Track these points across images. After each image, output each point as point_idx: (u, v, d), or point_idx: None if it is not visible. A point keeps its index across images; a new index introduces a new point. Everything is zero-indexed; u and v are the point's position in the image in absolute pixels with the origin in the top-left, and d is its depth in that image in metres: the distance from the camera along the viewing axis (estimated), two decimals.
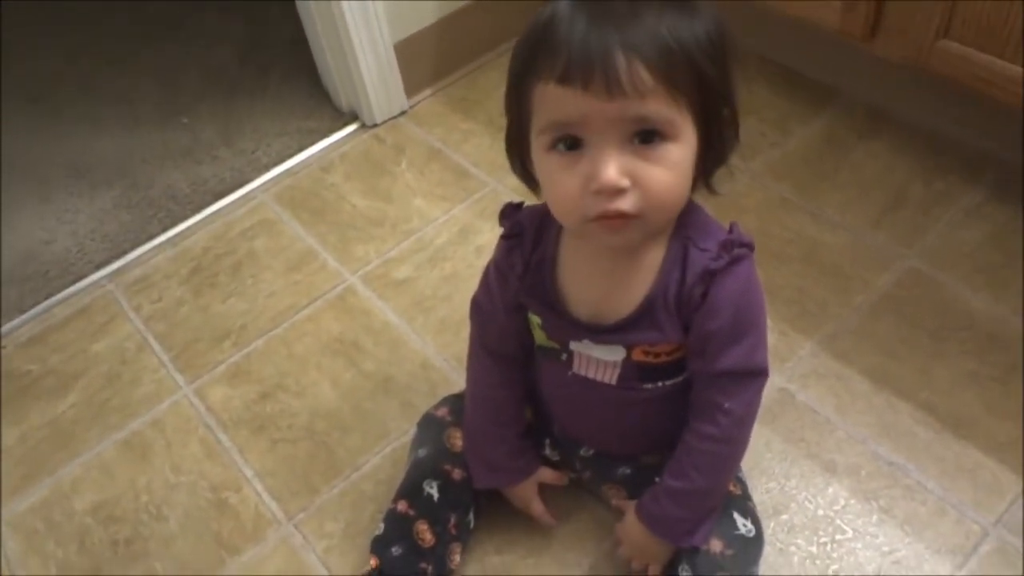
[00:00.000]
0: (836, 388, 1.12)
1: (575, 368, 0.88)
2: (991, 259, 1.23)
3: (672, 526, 0.86)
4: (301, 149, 1.59)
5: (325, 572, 1.03)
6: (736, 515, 0.89)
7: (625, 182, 0.69)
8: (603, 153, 0.68)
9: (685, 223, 0.79)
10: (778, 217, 1.33)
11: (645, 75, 0.66)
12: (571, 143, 0.70)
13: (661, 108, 0.68)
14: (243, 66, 1.82)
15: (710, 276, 0.77)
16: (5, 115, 1.80)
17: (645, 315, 0.80)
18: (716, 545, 0.87)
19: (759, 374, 0.83)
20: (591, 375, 0.88)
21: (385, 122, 1.61)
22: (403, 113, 1.63)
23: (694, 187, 0.76)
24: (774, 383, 1.13)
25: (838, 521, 1.00)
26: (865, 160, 1.40)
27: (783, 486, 1.04)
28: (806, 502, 1.02)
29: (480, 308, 0.94)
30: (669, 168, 0.70)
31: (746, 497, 0.93)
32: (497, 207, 0.88)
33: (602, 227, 0.72)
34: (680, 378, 0.86)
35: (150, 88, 1.81)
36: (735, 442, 0.86)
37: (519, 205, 0.87)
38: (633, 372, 0.85)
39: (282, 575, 1.04)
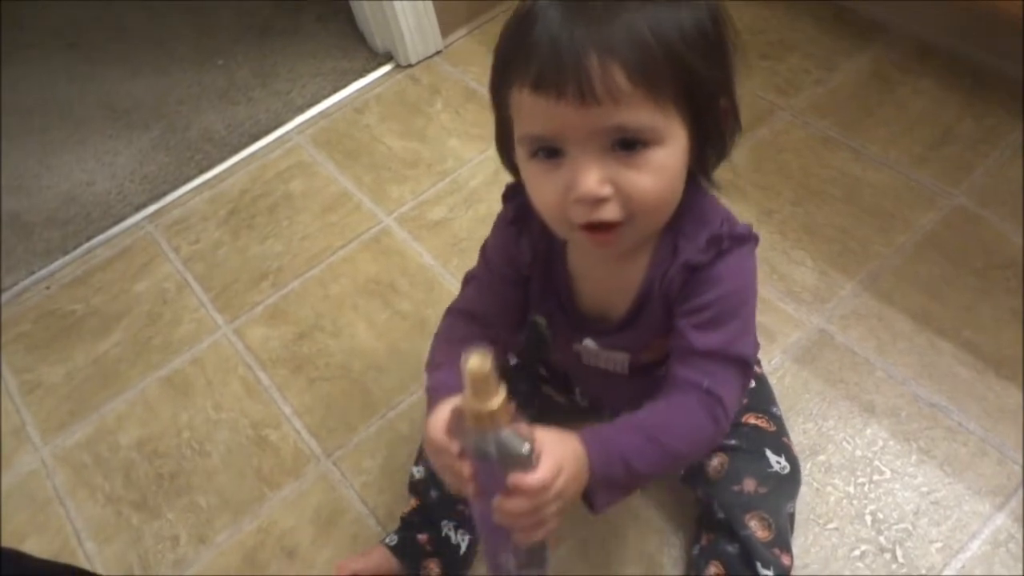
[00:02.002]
0: (876, 329, 1.10)
1: (585, 361, 0.87)
2: None
3: (611, 456, 0.70)
4: (336, 90, 1.58)
5: (363, 507, 1.05)
6: (768, 452, 0.89)
7: (606, 190, 0.65)
8: (582, 162, 0.65)
9: (681, 213, 0.73)
10: (820, 155, 1.30)
11: (621, 80, 0.61)
12: (551, 151, 0.67)
13: (641, 115, 0.63)
14: (277, 6, 1.81)
15: (691, 270, 0.74)
16: (43, 60, 1.81)
17: (642, 311, 0.78)
18: (749, 484, 0.86)
19: (741, 363, 0.75)
20: (602, 366, 0.87)
21: (420, 62, 1.59)
22: (438, 53, 1.61)
23: (692, 181, 0.72)
24: (813, 324, 1.12)
25: (876, 462, 0.99)
26: (911, 96, 1.35)
27: (820, 427, 1.03)
28: (844, 443, 1.02)
29: (473, 278, 0.87)
30: (653, 173, 0.66)
31: (781, 433, 0.93)
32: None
33: (589, 237, 0.69)
34: None
35: (185, 30, 1.81)
36: (706, 421, 0.73)
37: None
38: (642, 366, 0.85)
39: (321, 509, 1.06)
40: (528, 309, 0.86)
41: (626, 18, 0.62)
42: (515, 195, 0.80)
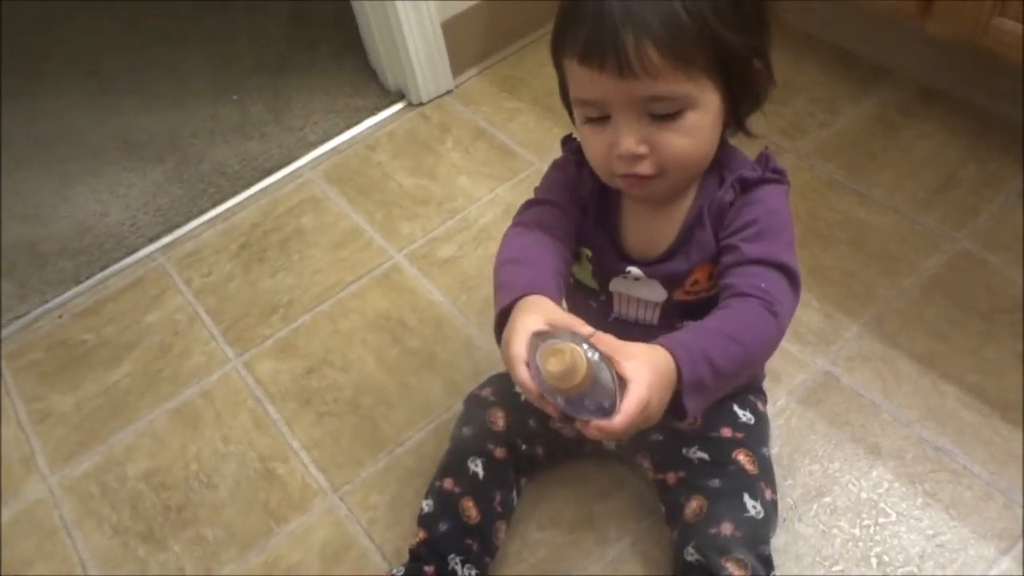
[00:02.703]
0: (882, 371, 1.11)
1: (616, 310, 0.90)
2: None
3: (694, 357, 0.70)
4: (348, 127, 1.61)
5: (370, 542, 1.05)
6: (746, 496, 0.90)
7: (643, 149, 0.74)
8: (623, 125, 0.74)
9: (720, 159, 0.82)
10: (826, 198, 1.31)
11: (655, 55, 0.69)
12: (599, 113, 0.76)
13: (674, 86, 0.71)
14: (291, 43, 1.84)
15: (743, 183, 0.81)
16: (61, 88, 1.84)
17: (689, 237, 0.83)
18: (726, 527, 0.87)
19: (790, 274, 0.78)
20: (632, 315, 0.90)
21: (431, 101, 1.62)
22: (449, 92, 1.63)
23: (727, 132, 0.81)
24: (819, 366, 1.13)
25: (882, 504, 1.00)
26: (916, 140, 1.37)
27: (826, 468, 1.04)
28: (849, 485, 1.02)
29: (537, 201, 0.88)
30: (687, 134, 0.74)
31: (761, 477, 0.92)
32: None
33: (626, 184, 0.79)
34: None
35: (200, 63, 1.84)
36: (770, 319, 0.75)
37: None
38: (674, 310, 0.87)
39: (328, 544, 1.06)
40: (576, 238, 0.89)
41: None
42: (572, 141, 0.89)
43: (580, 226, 0.88)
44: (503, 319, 0.75)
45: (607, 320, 0.91)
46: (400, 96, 1.64)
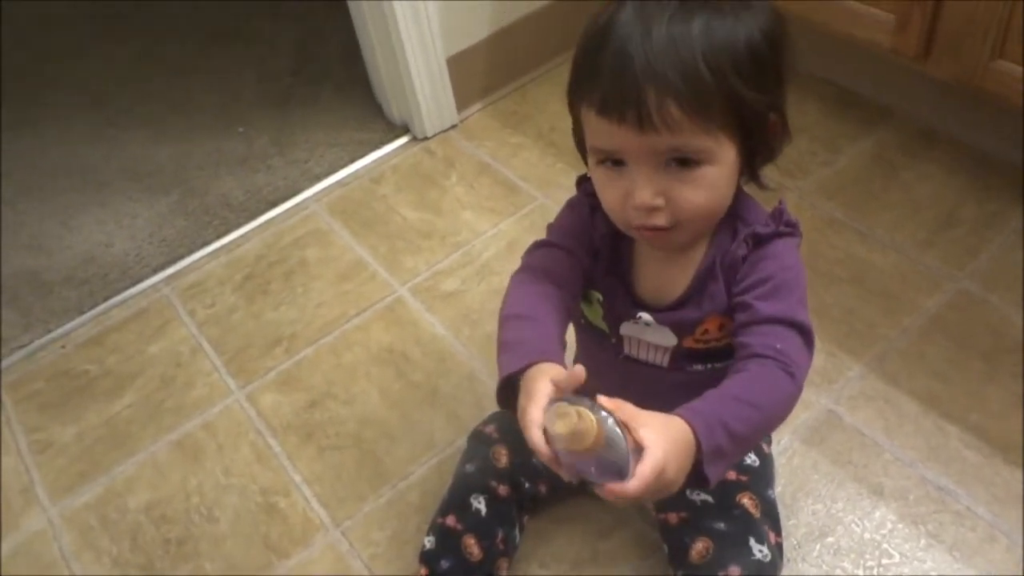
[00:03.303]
0: (884, 410, 1.11)
1: (626, 350, 0.90)
2: None
3: (711, 425, 0.70)
4: (353, 160, 1.62)
5: None
6: (752, 540, 0.89)
7: (659, 201, 0.74)
8: (639, 177, 0.74)
9: (735, 209, 0.82)
10: (827, 237, 1.32)
11: (676, 111, 0.69)
12: (615, 161, 0.75)
13: (693, 140, 0.71)
14: (297, 77, 1.86)
15: (755, 239, 0.81)
16: (68, 120, 1.86)
17: (702, 287, 0.83)
18: (733, 571, 0.87)
19: (805, 332, 0.78)
20: (642, 356, 0.90)
21: (436, 135, 1.63)
22: (454, 127, 1.65)
23: (740, 180, 0.80)
24: (822, 405, 1.13)
25: (885, 545, 1.00)
26: (916, 180, 1.39)
27: (829, 508, 1.03)
28: (853, 525, 1.02)
29: (546, 244, 0.88)
30: (703, 188, 0.74)
31: (765, 520, 0.93)
32: (546, 222, 0.90)
33: (641, 235, 0.79)
34: (730, 360, 0.85)
35: (207, 96, 1.86)
36: (787, 380, 0.75)
37: None
38: (684, 355, 0.87)
39: None
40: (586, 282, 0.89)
41: (683, 52, 0.69)
42: (587, 182, 0.86)
43: (590, 270, 0.88)
44: (509, 380, 0.74)
45: (617, 358, 0.91)
46: (405, 130, 1.66)
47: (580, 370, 0.69)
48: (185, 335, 1.38)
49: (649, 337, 0.87)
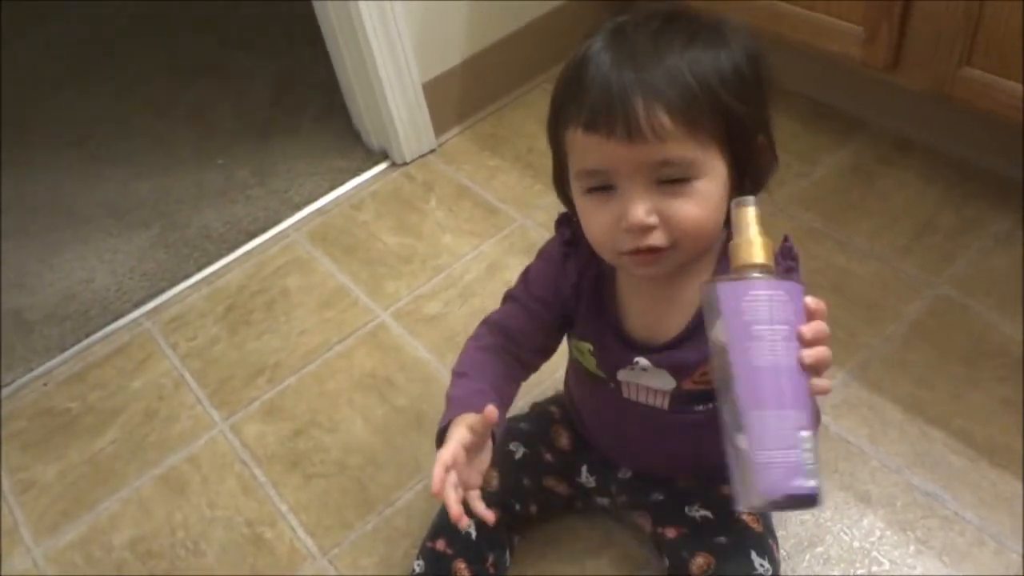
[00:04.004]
0: (868, 418, 1.11)
1: (625, 395, 0.89)
2: (1022, 285, 1.22)
3: None
4: (332, 188, 1.62)
5: None
6: (754, 554, 0.89)
7: (653, 220, 0.72)
8: (631, 194, 0.72)
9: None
10: (806, 247, 1.33)
11: (665, 119, 0.69)
12: (604, 187, 0.74)
13: (683, 150, 0.70)
14: (276, 108, 1.86)
15: None
16: (49, 158, 1.86)
17: (694, 331, 0.82)
18: None
19: None
20: (641, 400, 0.89)
21: (414, 160, 1.64)
22: (432, 151, 1.65)
23: None
24: None
25: (874, 553, 0.99)
26: (893, 188, 1.40)
27: (817, 518, 1.03)
28: (841, 534, 1.01)
29: (512, 297, 0.92)
30: (696, 203, 0.73)
31: (767, 535, 0.93)
32: (526, 242, 0.91)
33: (634, 261, 0.76)
34: None
35: (186, 130, 1.86)
36: None
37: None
38: (684, 397, 0.86)
39: None
40: (557, 336, 0.91)
41: (669, 63, 0.70)
42: (568, 221, 0.86)
43: (568, 319, 0.88)
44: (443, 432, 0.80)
45: (616, 401, 0.90)
46: (384, 156, 1.66)
47: (491, 410, 0.74)
48: (167, 368, 1.37)
49: (647, 381, 0.86)
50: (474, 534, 0.95)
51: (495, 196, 1.53)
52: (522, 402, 1.16)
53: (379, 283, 1.43)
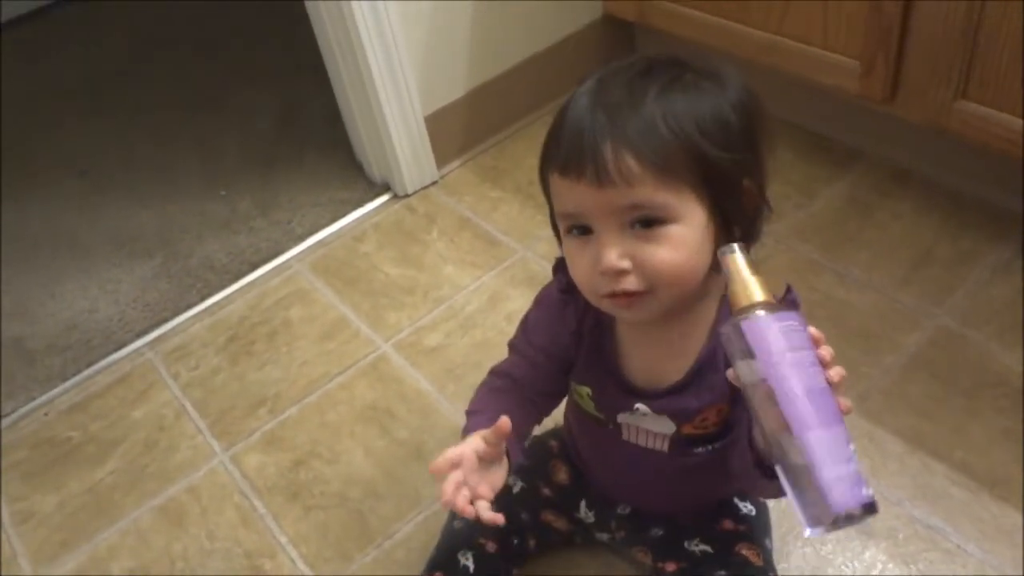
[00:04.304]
0: (869, 449, 1.11)
1: (624, 437, 0.89)
2: (1021, 316, 1.22)
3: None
4: (335, 219, 1.63)
5: None
6: None
7: (625, 264, 0.72)
8: (604, 238, 0.73)
9: None
10: (805, 279, 1.33)
11: (633, 164, 0.69)
12: (582, 229, 0.75)
13: (654, 195, 0.70)
14: (279, 139, 1.88)
15: None
16: (54, 186, 1.88)
17: (695, 378, 0.82)
18: None
19: None
20: (641, 443, 0.88)
21: (416, 192, 1.65)
22: (434, 183, 1.67)
23: None
24: None
25: None
26: (890, 220, 1.40)
27: (819, 551, 1.03)
28: (843, 567, 1.01)
29: (514, 348, 0.93)
30: (671, 247, 0.72)
31: (767, 568, 0.92)
32: (527, 274, 0.91)
33: (613, 304, 0.76)
34: (729, 437, 0.85)
35: (190, 161, 1.88)
36: None
37: None
38: (683, 441, 0.86)
39: None
40: (563, 379, 0.91)
41: (642, 109, 0.70)
42: (563, 271, 0.85)
43: (570, 366, 0.88)
44: None
45: (618, 442, 0.90)
46: (386, 188, 1.68)
47: (504, 421, 0.74)
48: (169, 398, 1.37)
49: (647, 425, 0.86)
50: (472, 567, 0.95)
51: (496, 228, 1.54)
52: None
53: (380, 314, 1.43)
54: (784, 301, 0.77)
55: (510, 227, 1.54)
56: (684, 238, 0.72)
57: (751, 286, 0.67)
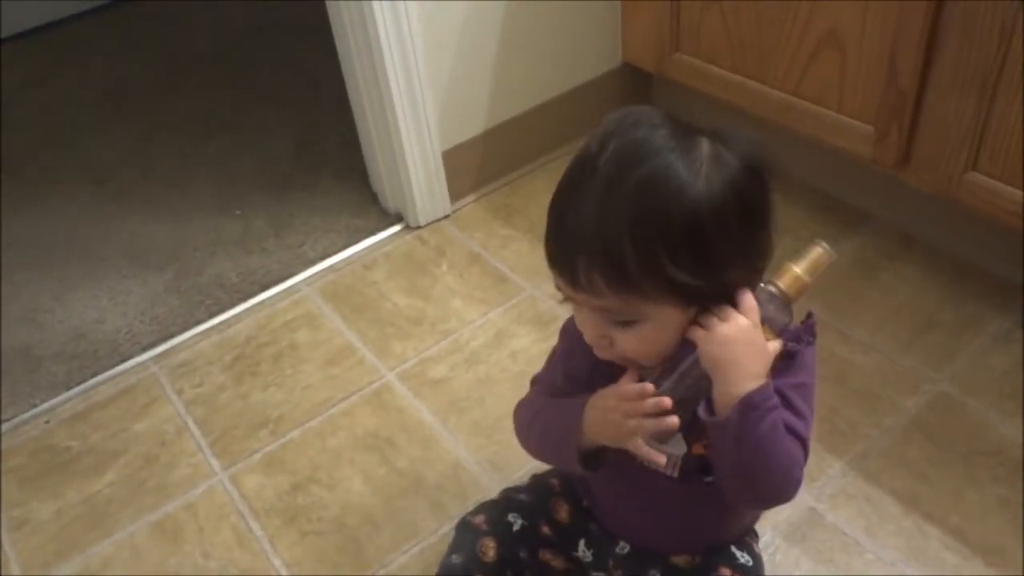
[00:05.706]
0: (865, 509, 1.12)
1: (636, 459, 0.90)
2: (1020, 385, 1.24)
3: (769, 396, 0.75)
4: (346, 246, 1.65)
5: None
6: None
7: (603, 343, 0.77)
8: (584, 318, 0.78)
9: None
10: None
11: (600, 283, 0.72)
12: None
13: (622, 306, 0.73)
14: (296, 164, 1.90)
15: (788, 357, 0.80)
16: (72, 195, 1.89)
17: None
18: None
19: (799, 439, 0.79)
20: (652, 467, 0.89)
21: (428, 224, 1.67)
22: (446, 216, 1.69)
23: None
24: (803, 502, 1.14)
25: None
26: (896, 283, 1.43)
27: None
28: None
29: (540, 381, 0.96)
30: (640, 339, 0.76)
31: None
32: (534, 313, 0.93)
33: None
34: None
35: (208, 179, 1.90)
36: (798, 449, 0.80)
37: None
38: (693, 465, 0.87)
39: None
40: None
41: (614, 225, 0.69)
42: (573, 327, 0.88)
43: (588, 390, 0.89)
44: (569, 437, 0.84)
45: (626, 467, 0.90)
46: (399, 219, 1.70)
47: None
48: (171, 414, 1.38)
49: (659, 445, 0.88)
50: None
51: (506, 264, 1.56)
52: (521, 472, 1.17)
53: (386, 343, 1.45)
54: (804, 328, 0.82)
55: (519, 265, 1.56)
56: (654, 334, 0.75)
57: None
